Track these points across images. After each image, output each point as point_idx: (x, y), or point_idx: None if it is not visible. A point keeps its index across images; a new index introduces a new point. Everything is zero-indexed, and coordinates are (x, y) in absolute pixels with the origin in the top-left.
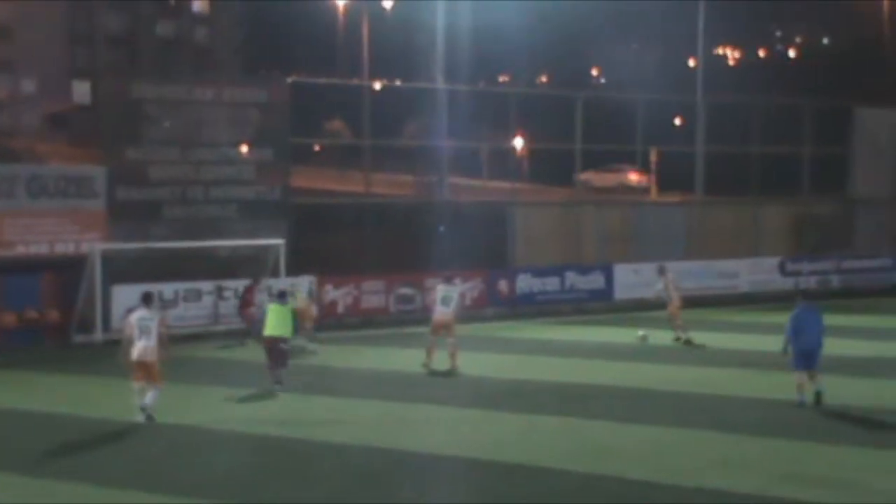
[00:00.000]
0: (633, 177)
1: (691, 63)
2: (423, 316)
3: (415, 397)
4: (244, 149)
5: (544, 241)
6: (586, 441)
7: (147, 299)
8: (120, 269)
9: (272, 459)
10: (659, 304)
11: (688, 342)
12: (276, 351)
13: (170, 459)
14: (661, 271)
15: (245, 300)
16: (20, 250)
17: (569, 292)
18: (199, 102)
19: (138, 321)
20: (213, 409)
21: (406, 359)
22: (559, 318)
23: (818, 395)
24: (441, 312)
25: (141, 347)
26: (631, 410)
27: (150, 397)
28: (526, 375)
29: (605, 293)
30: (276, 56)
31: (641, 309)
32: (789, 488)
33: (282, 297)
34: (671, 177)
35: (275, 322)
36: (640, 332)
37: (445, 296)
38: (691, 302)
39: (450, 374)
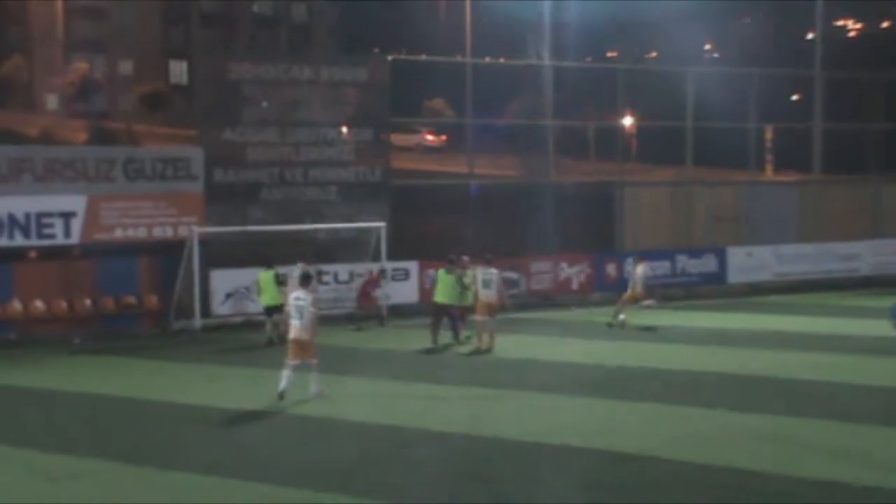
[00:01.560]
0: (429, 137)
1: (809, 36)
2: (527, 301)
3: (517, 384)
4: (343, 129)
5: (653, 223)
6: (695, 430)
7: (305, 280)
8: (218, 254)
9: (371, 447)
10: (775, 288)
11: (610, 325)
12: (448, 317)
13: (269, 447)
14: (636, 260)
15: (365, 290)
16: (118, 234)
17: (679, 276)
18: (297, 82)
19: (294, 301)
20: (309, 395)
21: (510, 344)
22: (669, 303)
23: None
24: (485, 294)
25: (295, 327)
26: (742, 398)
27: (313, 384)
28: (634, 362)
29: (718, 277)
30: (375, 34)
31: (755, 293)
32: None
33: (453, 262)
34: (786, 155)
35: (443, 290)
36: (621, 317)
37: (486, 279)
38: (807, 286)
39: (487, 352)
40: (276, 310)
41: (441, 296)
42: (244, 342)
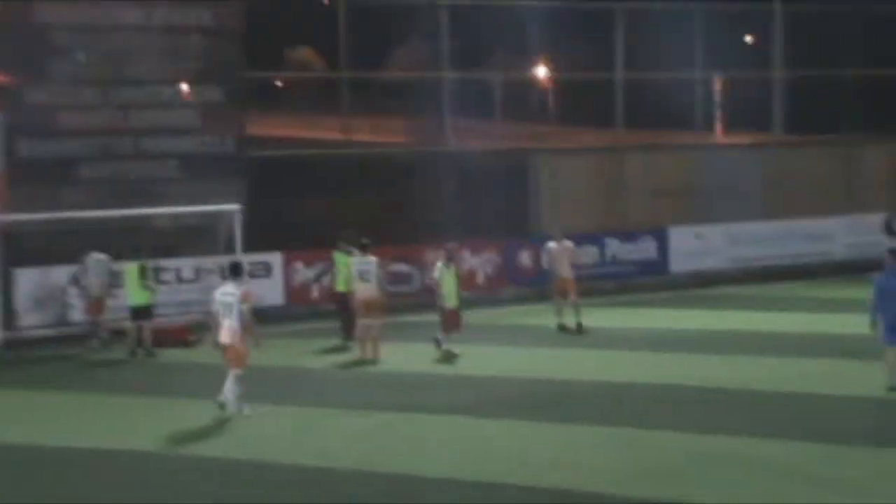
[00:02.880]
0: None
1: None
2: (422, 300)
3: (415, 405)
4: (185, 87)
5: (577, 200)
6: (643, 457)
7: (236, 270)
8: (24, 247)
9: (239, 490)
10: (729, 278)
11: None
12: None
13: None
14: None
15: None
16: None
17: (610, 265)
18: (124, 27)
19: (221, 297)
20: (167, 427)
21: (401, 355)
22: (599, 299)
23: None
24: (363, 290)
25: (224, 328)
26: (701, 417)
27: (227, 386)
28: (558, 374)
29: (658, 265)
30: None
31: (705, 284)
32: None
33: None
34: (742, 112)
35: (344, 276)
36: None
37: (361, 269)
38: (769, 274)
39: (372, 363)
40: (143, 312)
41: (343, 283)
42: (64, 360)
